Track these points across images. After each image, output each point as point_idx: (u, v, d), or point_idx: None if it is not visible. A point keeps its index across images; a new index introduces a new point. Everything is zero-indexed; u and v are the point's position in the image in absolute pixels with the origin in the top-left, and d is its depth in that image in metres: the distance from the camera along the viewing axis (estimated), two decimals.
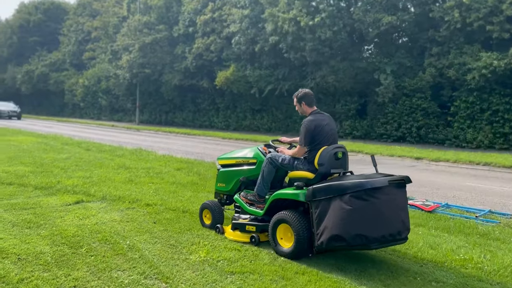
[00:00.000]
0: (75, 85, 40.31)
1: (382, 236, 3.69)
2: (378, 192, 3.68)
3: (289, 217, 4.06)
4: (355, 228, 3.64)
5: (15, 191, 6.79)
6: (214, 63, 26.54)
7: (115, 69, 32.49)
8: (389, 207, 3.74)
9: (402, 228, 3.84)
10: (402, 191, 3.95)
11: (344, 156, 4.38)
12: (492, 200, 7.49)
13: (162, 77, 29.36)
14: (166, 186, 7.60)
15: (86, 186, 7.29)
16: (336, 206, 3.72)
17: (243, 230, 4.60)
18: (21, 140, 14.84)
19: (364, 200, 3.65)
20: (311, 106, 4.60)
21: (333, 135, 4.47)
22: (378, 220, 3.67)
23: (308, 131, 4.33)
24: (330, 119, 4.58)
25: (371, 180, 3.74)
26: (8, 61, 51.62)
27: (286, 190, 4.29)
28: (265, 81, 23.72)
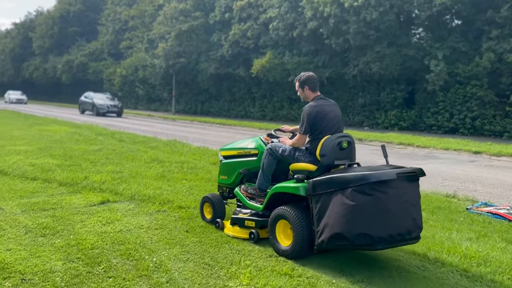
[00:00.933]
0: (113, 75, 40.57)
1: (389, 236, 3.27)
2: (385, 186, 3.26)
3: (288, 213, 3.72)
4: (358, 226, 3.25)
5: (38, 188, 6.20)
6: (251, 50, 25.63)
7: (151, 58, 32.25)
8: (397, 203, 3.31)
9: (413, 227, 3.41)
10: (413, 185, 3.51)
11: (350, 146, 3.97)
12: None
13: (198, 66, 28.78)
14: (201, 183, 6.83)
15: (114, 183, 6.63)
16: (338, 201, 3.34)
17: (242, 226, 4.31)
18: (55, 129, 14.57)
19: (368, 195, 3.24)
20: (314, 91, 4.18)
21: (337, 123, 4.07)
22: (385, 217, 3.26)
23: (309, 118, 3.95)
24: (335, 105, 4.18)
25: (376, 173, 3.31)
26: (49, 52, 52.81)
27: (286, 183, 3.93)
28: (304, 69, 22.56)
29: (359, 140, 15.14)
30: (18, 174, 6.99)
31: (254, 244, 4.13)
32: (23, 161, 8.10)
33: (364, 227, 3.24)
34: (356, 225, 3.25)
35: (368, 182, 3.24)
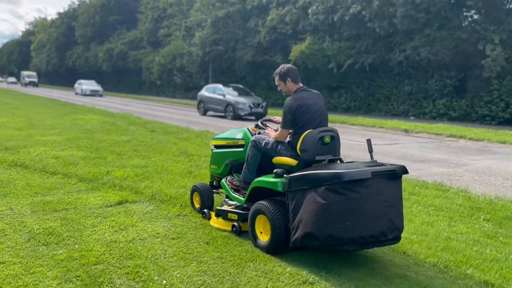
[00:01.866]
0: (152, 63, 40.75)
1: (360, 237, 3.11)
2: (359, 185, 3.09)
3: (266, 208, 3.60)
4: (328, 226, 3.11)
5: (56, 184, 5.78)
6: (289, 36, 24.69)
7: (188, 46, 31.93)
8: (372, 203, 3.13)
9: (389, 228, 3.21)
10: (393, 184, 3.30)
11: (333, 141, 3.81)
12: None
13: (235, 54, 28.18)
14: None
15: (136, 179, 6.13)
16: (311, 199, 3.21)
17: (226, 218, 4.22)
18: (88, 119, 14.41)
19: (340, 194, 3.08)
20: (296, 83, 3.98)
21: (320, 115, 3.86)
22: (356, 218, 3.08)
23: (290, 111, 3.78)
24: (319, 97, 3.98)
25: (350, 171, 3.11)
26: (91, 40, 53.91)
27: (265, 178, 3.78)
28: (345, 55, 21.47)
29: (405, 131, 14.04)
30: (38, 167, 6.63)
31: (284, 264, 3.45)
32: (47, 153, 7.77)
33: (334, 228, 3.10)
34: (327, 225, 3.12)
35: (341, 181, 3.07)
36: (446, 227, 4.59)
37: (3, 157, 7.20)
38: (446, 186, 6.38)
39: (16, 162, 6.94)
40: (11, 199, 5.03)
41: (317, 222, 3.15)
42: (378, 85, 21.71)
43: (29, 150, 7.99)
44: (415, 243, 4.05)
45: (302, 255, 3.61)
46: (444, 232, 4.40)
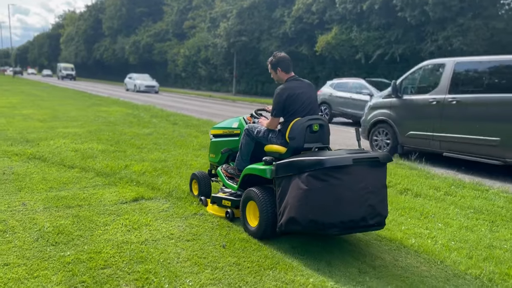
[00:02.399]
0: (177, 55, 40.79)
1: (341, 222, 3.19)
2: (340, 172, 3.17)
3: (255, 194, 3.73)
4: (310, 212, 3.20)
5: (72, 178, 5.62)
6: (315, 26, 24.09)
7: (213, 37, 31.71)
8: (352, 189, 3.20)
9: (370, 214, 3.26)
10: (376, 171, 3.36)
11: (322, 129, 3.85)
12: None
13: (259, 45, 27.77)
14: None
15: (155, 174, 5.91)
16: (295, 186, 3.31)
17: (220, 205, 4.36)
18: (112, 111, 14.37)
19: (321, 181, 3.17)
20: (287, 72, 4.06)
21: (310, 104, 3.92)
22: (337, 204, 3.17)
23: (279, 100, 3.87)
24: (309, 86, 4.02)
25: (331, 158, 3.19)
26: (118, 33, 54.46)
27: (256, 165, 3.87)
28: (374, 45, 20.77)
29: None
30: (56, 161, 6.50)
31: (308, 272, 3.12)
32: (67, 146, 7.67)
33: (315, 213, 3.19)
34: (308, 210, 3.21)
35: (323, 167, 3.15)
36: (488, 232, 4.16)
37: (22, 150, 7.12)
38: (485, 186, 5.89)
39: (35, 155, 6.84)
40: (25, 194, 4.89)
41: (300, 207, 3.24)
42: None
43: (49, 143, 7.90)
44: (453, 251, 3.65)
45: (327, 265, 3.28)
46: (485, 239, 3.97)
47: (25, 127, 9.97)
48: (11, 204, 4.54)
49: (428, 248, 3.67)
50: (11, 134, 8.85)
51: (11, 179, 5.47)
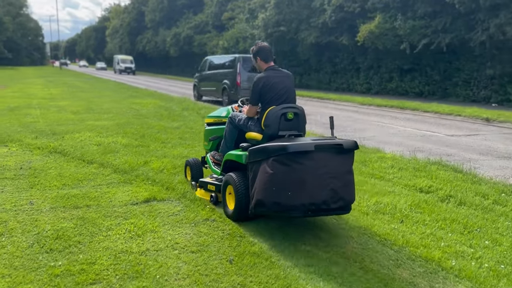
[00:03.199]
0: (216, 47, 40.65)
1: (301, 205, 3.29)
2: (302, 157, 3.29)
3: (231, 179, 3.91)
4: (274, 194, 3.35)
5: (88, 174, 5.41)
6: (357, 15, 23.05)
7: (251, 28, 31.26)
8: (314, 174, 3.29)
9: (331, 198, 3.33)
10: (340, 158, 3.43)
11: (297, 117, 3.96)
12: None
13: (298, 35, 27.01)
14: None
15: (173, 172, 5.60)
16: (262, 170, 3.45)
17: (206, 189, 4.52)
18: (145, 103, 14.30)
19: (285, 165, 3.31)
20: (266, 61, 4.20)
21: (285, 93, 4.05)
22: (298, 187, 3.28)
23: (256, 88, 4.04)
24: (287, 76, 4.17)
25: (294, 144, 3.35)
26: (160, 25, 55.12)
27: (234, 151, 4.09)
28: (419, 34, 19.56)
29: (486, 120, 12.31)
30: (77, 155, 6.33)
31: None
32: (91, 140, 7.52)
33: (278, 196, 3.32)
34: (273, 193, 3.34)
35: (286, 152, 3.29)
36: None
37: (46, 143, 7.03)
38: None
39: (56, 148, 6.72)
40: (36, 191, 4.70)
41: (265, 190, 3.39)
42: (456, 68, 19.54)
43: (74, 136, 7.80)
44: (503, 277, 3.06)
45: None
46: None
47: (56, 119, 10.00)
48: (18, 202, 4.35)
49: (472, 272, 3.09)
50: (40, 126, 8.86)
51: (27, 175, 5.32)
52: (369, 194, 4.89)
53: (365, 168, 6.16)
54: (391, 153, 7.18)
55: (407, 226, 3.97)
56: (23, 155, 6.30)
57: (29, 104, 13.07)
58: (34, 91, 18.93)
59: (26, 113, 11.03)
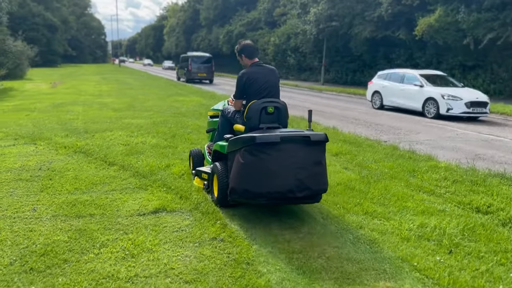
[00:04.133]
0: (267, 44, 40.21)
1: (267, 193, 3.48)
2: (270, 148, 3.48)
3: (216, 168, 4.12)
4: (243, 182, 3.56)
5: (105, 178, 5.08)
6: (415, 8, 21.57)
7: (302, 24, 30.43)
8: (280, 164, 3.47)
9: (297, 187, 3.49)
10: (308, 149, 3.58)
11: (277, 111, 4.15)
12: None
13: (351, 30, 25.83)
14: None
15: (192, 179, 5.13)
16: (236, 160, 3.65)
17: (200, 177, 4.70)
18: (187, 101, 14.07)
19: (253, 155, 3.51)
20: (251, 58, 4.36)
21: (267, 88, 4.22)
22: (265, 176, 3.47)
23: (239, 83, 4.25)
24: (271, 72, 4.32)
25: (262, 135, 3.52)
26: (213, 23, 55.57)
27: (219, 142, 4.27)
28: (485, 28, 17.86)
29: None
30: (100, 156, 6.06)
31: None
32: (120, 139, 7.27)
33: (247, 184, 3.52)
34: (243, 181, 3.54)
35: (254, 143, 3.46)
36: None
37: (73, 142, 6.86)
38: None
39: (82, 148, 6.50)
40: (44, 196, 4.42)
41: (237, 178, 3.57)
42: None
43: (105, 135, 7.60)
44: None
45: None
46: None
47: (95, 116, 9.95)
48: (21, 208, 4.07)
49: None
50: (77, 124, 8.79)
51: (43, 176, 5.08)
52: (413, 213, 4.14)
53: (413, 179, 5.35)
54: (445, 162, 6.28)
55: (457, 259, 3.21)
56: (47, 154, 6.13)
57: (74, 101, 13.27)
58: (85, 88, 19.44)
59: (68, 110, 11.12)
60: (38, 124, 8.69)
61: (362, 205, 4.30)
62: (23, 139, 7.12)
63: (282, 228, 3.72)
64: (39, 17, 56.34)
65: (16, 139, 7.14)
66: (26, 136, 7.34)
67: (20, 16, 53.18)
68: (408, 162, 6.11)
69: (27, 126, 8.38)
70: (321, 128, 9.09)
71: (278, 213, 4.06)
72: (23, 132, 7.63)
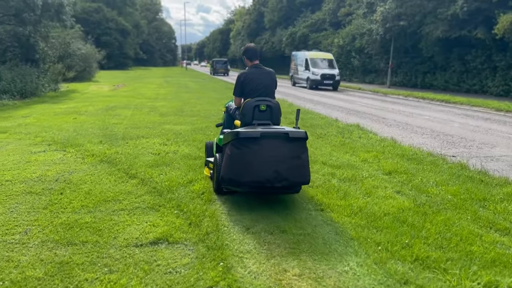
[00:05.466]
0: (331, 45, 38.89)
1: (248, 181, 3.89)
2: (251, 143, 3.88)
3: (215, 159, 4.54)
4: (230, 172, 3.96)
5: (119, 194, 4.59)
6: (495, 4, 19.41)
7: (368, 24, 28.88)
8: (260, 157, 3.86)
9: (275, 178, 3.86)
10: (287, 145, 3.95)
11: (269, 109, 4.44)
12: None
13: (422, 29, 23.95)
14: (347, 223, 3.97)
15: (211, 199, 4.49)
16: (226, 152, 4.09)
17: (208, 167, 5.05)
18: None
19: (237, 148, 3.92)
20: (251, 60, 4.74)
21: (262, 88, 4.58)
22: (246, 167, 3.87)
23: (237, 82, 4.65)
24: (267, 74, 4.68)
25: (244, 131, 3.94)
26: (277, 25, 55.14)
27: (220, 136, 4.71)
28: None
29: None
30: (123, 167, 5.61)
31: None
32: (152, 147, 6.82)
33: (233, 173, 3.95)
34: (229, 171, 3.97)
35: (238, 138, 3.91)
36: None
37: (103, 150, 6.50)
38: None
39: (109, 157, 6.11)
40: (45, 215, 3.99)
41: (225, 168, 4.02)
42: None
43: (139, 142, 7.20)
44: None
45: None
46: None
47: (139, 121, 9.70)
48: (13, 230, 3.65)
49: None
50: (117, 129, 8.54)
51: (55, 189, 4.70)
52: (479, 263, 3.14)
53: (482, 211, 4.27)
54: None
55: None
56: (71, 163, 5.80)
57: (127, 104, 13.26)
58: (144, 91, 19.69)
59: (117, 113, 11.03)
60: (79, 128, 8.56)
61: (412, 248, 3.37)
62: (56, 145, 6.92)
63: (302, 277, 2.92)
64: (112, 22, 59.41)
65: (50, 144, 6.96)
66: (60, 142, 7.14)
67: (95, 21, 56.46)
68: (478, 187, 4.98)
69: (67, 131, 8.26)
70: (376, 139, 8.05)
71: (298, 256, 3.26)
72: (59, 138, 7.47)
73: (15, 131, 8.23)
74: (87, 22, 54.49)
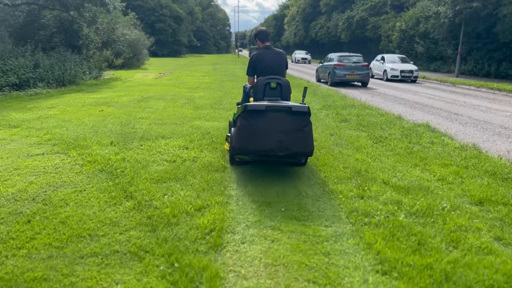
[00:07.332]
0: (392, 30, 36.08)
1: (255, 150, 4.35)
2: (257, 115, 4.26)
3: (230, 132, 4.99)
4: (240, 141, 4.37)
5: (100, 225, 3.43)
6: None
7: (435, 6, 26.04)
8: (265, 128, 4.25)
9: (278, 148, 4.25)
10: (290, 117, 4.27)
11: (279, 87, 4.69)
12: None
13: (498, 11, 20.99)
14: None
15: (221, 243, 3.16)
16: (237, 124, 4.45)
17: (227, 141, 5.39)
18: None
19: (246, 120, 4.31)
20: (263, 42, 5.07)
21: (272, 67, 4.90)
22: (253, 137, 4.29)
23: (250, 62, 5.02)
24: (278, 54, 5.04)
25: (251, 104, 4.29)
26: (334, 9, 52.48)
27: (236, 111, 4.92)
28: None
29: None
30: (125, 180, 4.43)
31: None
32: (170, 152, 5.62)
33: (242, 142, 4.37)
34: (239, 140, 4.38)
35: (246, 111, 4.29)
36: None
37: (108, 155, 5.37)
38: None
39: (111, 165, 4.96)
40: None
41: (236, 138, 4.42)
42: None
43: (156, 144, 6.02)
44: None
45: None
46: None
47: (170, 115, 8.59)
48: None
49: None
50: (140, 125, 7.47)
51: (25, 214, 3.61)
52: None
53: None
54: None
55: None
56: (64, 173, 4.70)
57: (163, 95, 12.23)
58: (187, 79, 18.72)
59: (149, 105, 10.00)
60: (99, 124, 7.56)
61: None
62: (60, 145, 5.90)
63: None
64: (166, 8, 59.42)
65: (55, 145, 5.96)
66: (67, 141, 6.12)
67: (150, 8, 56.73)
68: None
69: (85, 126, 7.28)
70: (454, 145, 6.30)
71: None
72: (68, 136, 6.46)
73: (28, 125, 7.37)
74: (142, 9, 54.89)
